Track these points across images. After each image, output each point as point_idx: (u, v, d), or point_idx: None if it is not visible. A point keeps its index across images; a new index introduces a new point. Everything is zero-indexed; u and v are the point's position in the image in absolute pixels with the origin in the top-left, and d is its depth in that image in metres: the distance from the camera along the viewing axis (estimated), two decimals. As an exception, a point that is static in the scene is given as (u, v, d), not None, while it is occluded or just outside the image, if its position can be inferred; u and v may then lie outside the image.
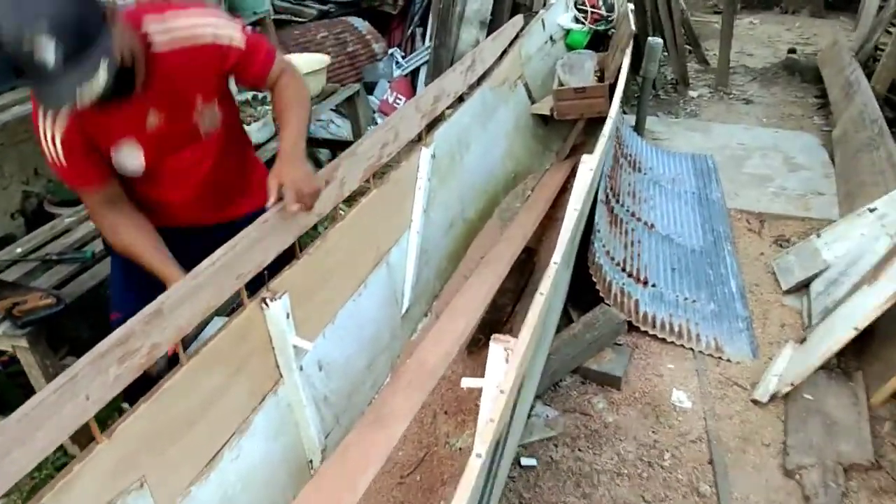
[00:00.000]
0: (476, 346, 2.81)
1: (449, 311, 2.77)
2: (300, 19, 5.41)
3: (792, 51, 7.80)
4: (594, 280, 3.07)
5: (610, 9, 4.67)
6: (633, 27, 3.92)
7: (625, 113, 5.78)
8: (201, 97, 1.80)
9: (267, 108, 3.71)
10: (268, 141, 3.58)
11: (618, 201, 3.91)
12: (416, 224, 2.79)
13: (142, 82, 1.66)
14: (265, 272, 1.85)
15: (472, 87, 3.53)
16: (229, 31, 1.77)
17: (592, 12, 4.58)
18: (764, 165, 4.91)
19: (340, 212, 2.57)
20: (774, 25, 9.55)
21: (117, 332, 1.39)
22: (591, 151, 2.50)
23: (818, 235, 3.70)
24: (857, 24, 7.90)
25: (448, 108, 3.14)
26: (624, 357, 2.92)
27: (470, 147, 3.43)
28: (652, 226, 3.92)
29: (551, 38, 4.58)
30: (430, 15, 5.92)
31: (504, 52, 3.90)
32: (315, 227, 2.62)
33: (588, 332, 2.88)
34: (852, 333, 2.65)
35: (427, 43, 5.90)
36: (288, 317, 1.86)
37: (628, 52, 3.81)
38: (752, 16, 9.86)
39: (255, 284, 1.85)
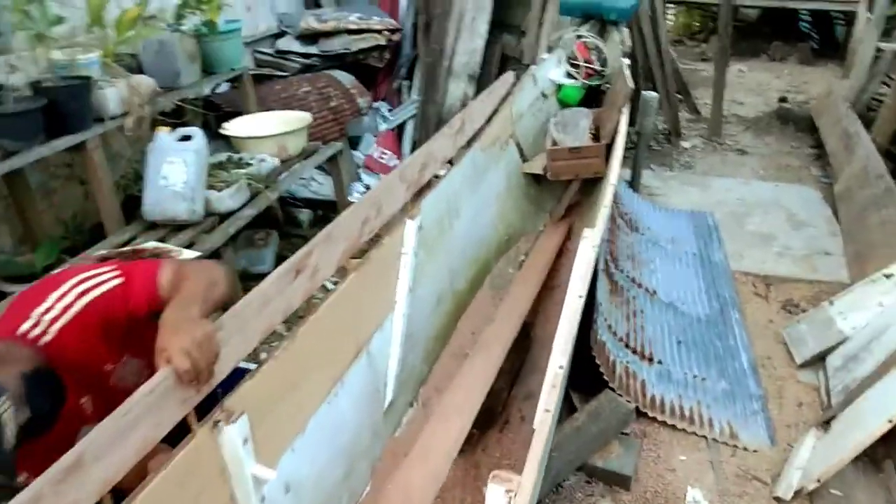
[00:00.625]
0: (469, 444, 2.52)
1: (440, 412, 2.49)
2: (282, 73, 5.21)
3: (783, 99, 7.70)
4: (598, 362, 2.80)
5: (604, 63, 4.50)
6: (631, 84, 3.73)
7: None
8: (108, 361, 1.60)
9: (242, 171, 3.47)
10: (241, 208, 3.33)
11: (617, 266, 3.67)
12: (400, 305, 2.52)
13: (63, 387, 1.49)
14: (218, 390, 1.57)
15: (461, 150, 3.30)
16: (99, 281, 1.55)
17: (586, 67, 4.41)
18: (766, 223, 4.70)
19: (316, 300, 2.30)
20: (763, 73, 9.51)
21: (20, 497, 1.11)
22: (588, 215, 2.28)
23: (831, 303, 3.46)
24: (845, 71, 7.82)
25: (436, 175, 2.91)
26: (633, 451, 2.64)
27: (460, 213, 3.19)
28: (654, 293, 3.68)
29: (543, 93, 4.40)
30: (417, 68, 5.75)
31: (495, 111, 3.69)
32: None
33: (593, 423, 2.60)
34: (886, 426, 2.38)
35: (414, 96, 5.71)
36: (246, 442, 1.58)
37: (626, 111, 3.61)
38: (740, 63, 9.81)
39: (208, 404, 1.57)
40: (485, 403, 2.68)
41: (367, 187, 5.07)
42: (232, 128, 3.94)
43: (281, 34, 5.65)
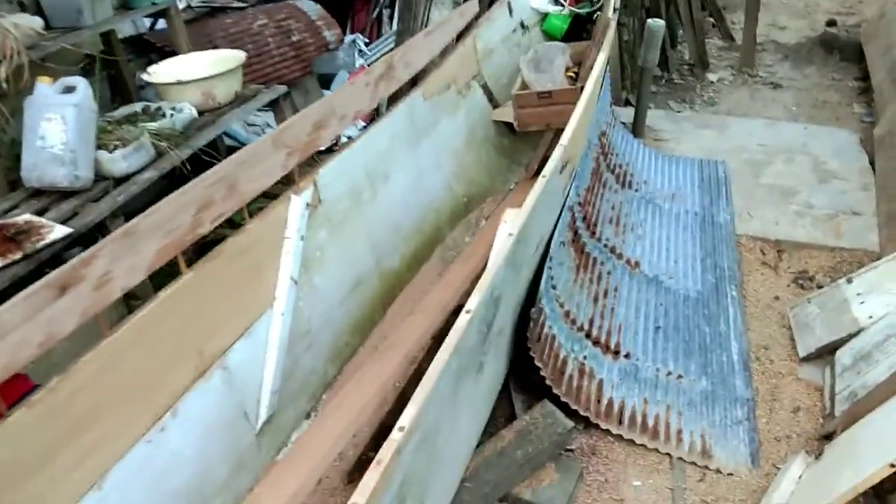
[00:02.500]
0: (361, 472, 2.08)
1: (322, 418, 2.05)
2: (241, 4, 4.64)
3: (831, 23, 6.76)
4: (539, 362, 2.29)
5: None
6: (614, 13, 3.08)
7: (625, 105, 4.93)
8: None
9: (152, 125, 2.98)
10: (141, 170, 2.86)
11: (593, 234, 3.10)
12: (281, 302, 2.05)
13: None
14: None
15: (395, 98, 2.75)
16: None
17: (572, -8, 3.74)
18: (787, 173, 4.03)
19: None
20: (813, -9, 8.45)
21: None
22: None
23: (849, 281, 2.86)
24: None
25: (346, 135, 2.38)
26: (572, 476, 2.16)
27: (389, 178, 2.67)
28: (636, 264, 3.12)
29: (522, 24, 3.75)
30: (398, -6, 5.09)
31: (447, 49, 3.10)
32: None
33: (521, 445, 2.12)
34: (887, 471, 1.84)
35: (394, 27, 5.09)
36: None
37: (606, 45, 2.97)
38: (787, -20, 8.75)
39: None
40: (391, 419, 2.23)
41: (336, 134, 4.53)
42: (156, 72, 3.44)
43: (249, -43, 5.04)
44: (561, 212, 2.67)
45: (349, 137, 2.45)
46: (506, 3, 3.55)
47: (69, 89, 2.71)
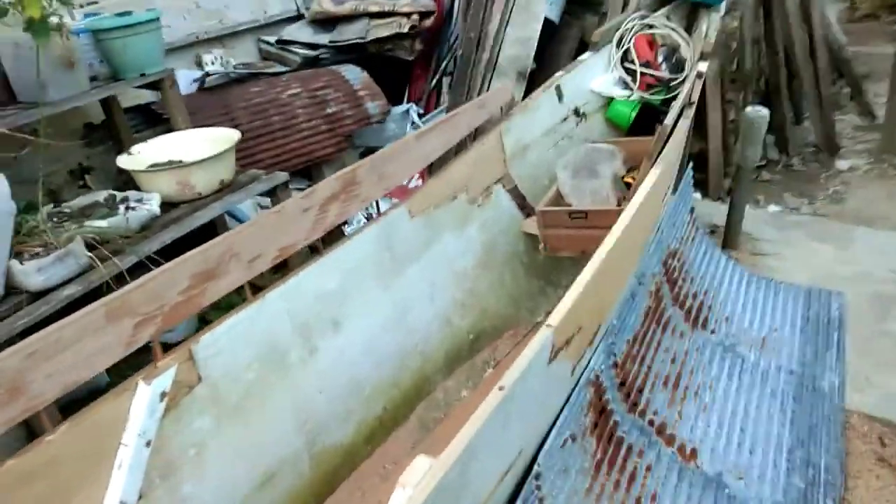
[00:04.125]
0: None
1: None
2: (279, 69, 4.20)
3: None
4: None
5: (678, 67, 3.01)
6: (692, 98, 2.30)
7: (727, 196, 4.05)
8: None
9: (83, 229, 2.49)
10: (64, 283, 2.35)
11: (633, 407, 2.28)
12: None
13: None
14: None
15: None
16: None
17: (644, 73, 2.96)
18: (930, 318, 3.01)
19: None
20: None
21: None
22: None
23: None
24: None
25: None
26: None
27: (341, 326, 2.01)
28: (692, 454, 2.27)
29: (577, 111, 3.01)
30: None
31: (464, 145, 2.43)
32: None
33: None
34: None
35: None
36: None
37: (675, 145, 2.19)
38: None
39: None
40: None
41: (369, 216, 3.93)
42: (139, 153, 2.99)
43: (300, 17, 4.64)
44: (570, 395, 1.90)
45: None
46: (553, 87, 2.83)
47: (-14, 184, 2.26)
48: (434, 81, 4.59)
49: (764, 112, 3.16)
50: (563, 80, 2.91)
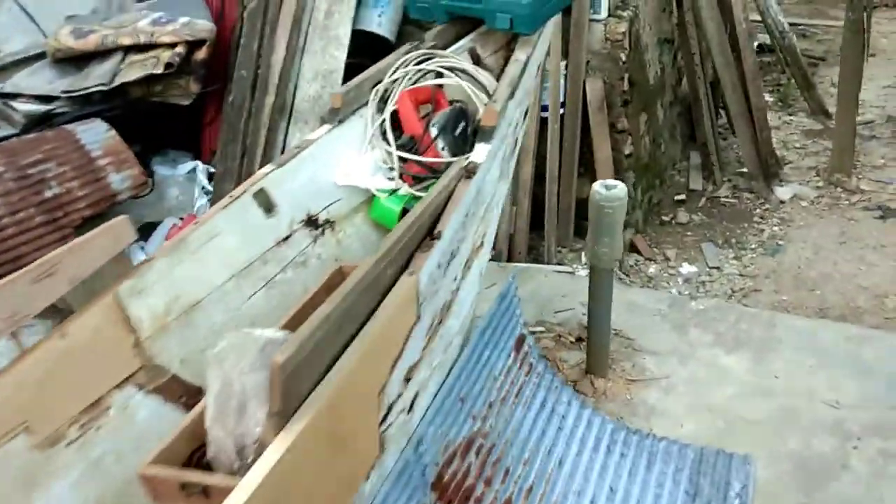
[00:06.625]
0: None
1: None
2: (10, 133, 3.05)
3: None
4: None
5: (463, 140, 1.87)
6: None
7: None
8: None
9: None
10: None
11: None
12: None
13: None
14: None
15: None
16: None
17: (409, 160, 1.83)
18: (879, 486, 1.93)
19: None
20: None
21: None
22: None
23: None
24: None
25: None
26: None
27: None
28: None
29: (313, 221, 1.88)
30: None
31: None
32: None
33: None
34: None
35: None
36: None
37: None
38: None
39: None
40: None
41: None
42: None
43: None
44: None
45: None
46: (249, 194, 1.71)
47: None
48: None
49: (618, 191, 2.03)
50: (273, 179, 1.78)
